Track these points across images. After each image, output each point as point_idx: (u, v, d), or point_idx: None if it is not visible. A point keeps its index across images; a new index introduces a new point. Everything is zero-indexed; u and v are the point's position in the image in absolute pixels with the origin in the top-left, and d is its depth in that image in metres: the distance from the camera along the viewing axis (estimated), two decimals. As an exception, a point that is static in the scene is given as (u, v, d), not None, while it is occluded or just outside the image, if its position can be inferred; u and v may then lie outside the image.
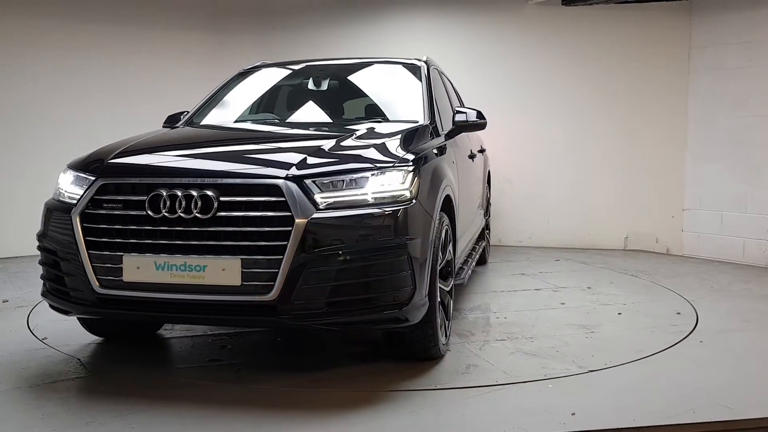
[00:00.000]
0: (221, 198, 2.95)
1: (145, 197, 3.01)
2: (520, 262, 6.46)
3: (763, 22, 6.30)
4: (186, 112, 4.65)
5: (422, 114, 4.14)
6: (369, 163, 3.16)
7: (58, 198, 3.34)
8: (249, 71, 5.01)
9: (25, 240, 4.51)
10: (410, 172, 3.18)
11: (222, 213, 2.94)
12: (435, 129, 4.04)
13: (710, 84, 6.73)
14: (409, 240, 3.07)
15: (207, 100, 4.75)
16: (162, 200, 2.98)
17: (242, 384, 3.21)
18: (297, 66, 5.03)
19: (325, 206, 2.96)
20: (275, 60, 5.40)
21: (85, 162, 3.38)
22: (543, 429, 2.73)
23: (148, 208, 2.99)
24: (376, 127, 3.86)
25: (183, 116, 4.59)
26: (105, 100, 7.10)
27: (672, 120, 6.98)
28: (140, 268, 2.98)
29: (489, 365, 3.46)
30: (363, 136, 3.61)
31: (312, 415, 2.83)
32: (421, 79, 4.46)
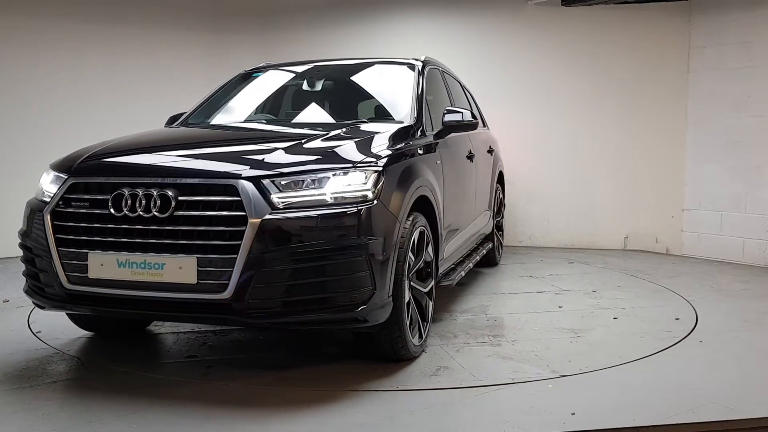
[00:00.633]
0: (179, 197, 3.02)
1: (109, 196, 3.10)
2: (532, 264, 6.39)
3: (763, 22, 6.30)
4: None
5: (408, 114, 4.14)
6: (330, 164, 3.19)
7: (38, 197, 3.43)
8: (250, 72, 5.07)
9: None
10: (374, 173, 3.20)
11: (180, 212, 3.00)
12: (421, 129, 4.04)
13: (710, 84, 6.73)
14: (369, 240, 3.07)
15: (205, 101, 4.82)
16: (124, 199, 3.06)
17: (209, 381, 3.26)
18: (295, 67, 5.07)
19: (283, 206, 2.99)
20: (276, 61, 5.41)
21: (62, 161, 3.48)
22: (543, 429, 2.74)
23: (111, 207, 3.08)
24: (355, 128, 3.90)
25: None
26: (105, 100, 7.10)
27: (672, 120, 6.98)
28: (104, 266, 3.06)
29: (460, 368, 3.43)
30: (335, 137, 3.63)
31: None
32: (413, 79, 4.46)
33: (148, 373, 3.37)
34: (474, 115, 4.38)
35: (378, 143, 3.54)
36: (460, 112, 4.27)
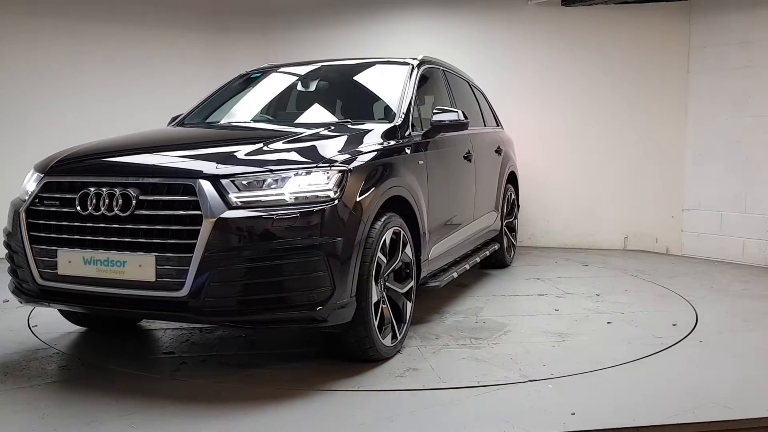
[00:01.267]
0: (140, 197, 3.07)
1: (76, 195, 3.18)
2: (544, 266, 6.28)
3: (763, 22, 6.30)
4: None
5: (395, 114, 4.13)
6: (292, 164, 3.21)
7: (20, 196, 3.51)
8: (249, 73, 5.10)
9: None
10: (337, 173, 3.20)
11: (140, 211, 3.06)
12: (405, 129, 4.03)
13: (710, 84, 6.73)
14: (328, 240, 3.07)
15: (203, 101, 4.89)
16: (89, 198, 3.13)
17: (177, 378, 3.31)
18: (294, 68, 5.08)
19: (240, 205, 3.00)
20: (277, 61, 5.43)
21: (42, 162, 3.57)
22: (543, 429, 2.74)
23: (78, 206, 3.15)
24: (336, 128, 3.92)
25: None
26: (105, 100, 7.10)
27: (672, 120, 6.99)
28: (71, 262, 3.15)
29: (429, 369, 3.41)
30: (307, 138, 3.65)
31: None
32: (403, 79, 4.45)
33: (129, 370, 3.43)
34: (466, 115, 4.33)
35: (350, 143, 3.57)
36: (450, 113, 4.23)
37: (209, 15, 7.80)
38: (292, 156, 3.34)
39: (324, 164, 3.22)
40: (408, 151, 3.92)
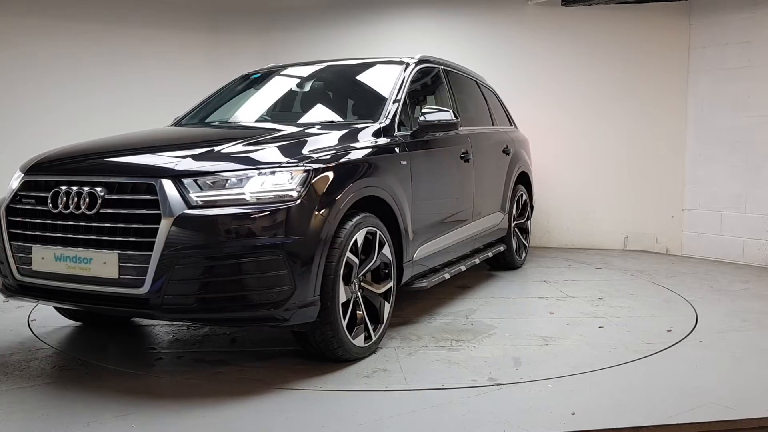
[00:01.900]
0: (106, 195, 3.14)
1: (49, 193, 3.27)
2: (555, 269, 6.15)
3: (763, 22, 6.30)
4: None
5: (382, 113, 4.13)
6: (256, 164, 3.23)
7: (6, 194, 3.57)
8: (251, 74, 5.14)
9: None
10: (302, 173, 3.21)
11: (105, 209, 3.12)
12: (390, 129, 4.03)
13: (710, 84, 6.73)
14: (288, 240, 3.08)
15: (202, 102, 4.94)
16: (60, 196, 3.21)
17: (150, 373, 3.39)
18: (294, 69, 5.09)
19: (200, 204, 3.03)
20: (278, 62, 5.44)
21: (26, 161, 3.65)
22: (543, 428, 2.74)
23: (50, 204, 3.24)
24: (316, 128, 3.95)
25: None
26: (105, 100, 7.09)
27: (672, 120, 6.99)
28: (44, 259, 3.24)
29: (398, 371, 3.39)
30: (280, 138, 3.68)
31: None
32: (394, 79, 4.44)
33: (106, 365, 3.51)
34: (457, 115, 4.29)
35: (322, 143, 3.58)
36: (439, 113, 4.19)
37: (209, 15, 7.80)
38: (262, 155, 3.34)
39: (289, 164, 3.24)
40: (388, 152, 3.91)
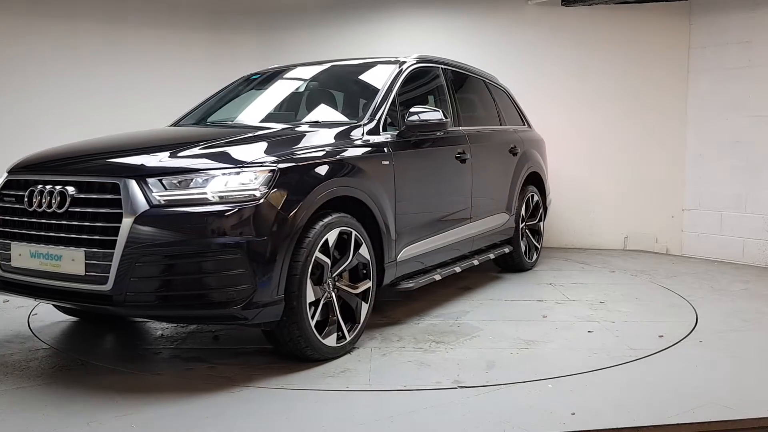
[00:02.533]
0: (76, 195, 3.23)
1: (25, 192, 3.38)
2: (566, 272, 6.00)
3: (763, 22, 6.30)
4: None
5: (369, 113, 4.14)
6: (221, 164, 3.28)
7: None
8: (251, 75, 5.15)
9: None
10: (266, 173, 3.24)
11: (74, 208, 3.21)
12: (373, 129, 4.03)
13: (710, 84, 6.73)
14: (248, 239, 3.10)
15: (201, 102, 4.98)
16: (35, 195, 3.32)
17: (130, 370, 3.45)
18: (293, 70, 5.11)
19: (162, 204, 3.08)
20: (278, 62, 5.44)
21: (14, 162, 3.71)
22: (543, 428, 2.74)
23: (26, 202, 3.34)
24: (301, 127, 4.02)
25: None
26: (105, 101, 7.09)
27: (671, 120, 6.99)
28: (21, 255, 3.34)
29: (365, 371, 3.38)
30: (257, 138, 3.74)
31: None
32: (384, 79, 4.45)
33: (85, 358, 3.58)
34: (446, 115, 4.27)
35: (299, 143, 3.63)
36: (427, 112, 4.17)
37: (209, 15, 7.80)
38: (232, 155, 3.39)
39: (253, 164, 3.27)
40: (369, 152, 3.92)
